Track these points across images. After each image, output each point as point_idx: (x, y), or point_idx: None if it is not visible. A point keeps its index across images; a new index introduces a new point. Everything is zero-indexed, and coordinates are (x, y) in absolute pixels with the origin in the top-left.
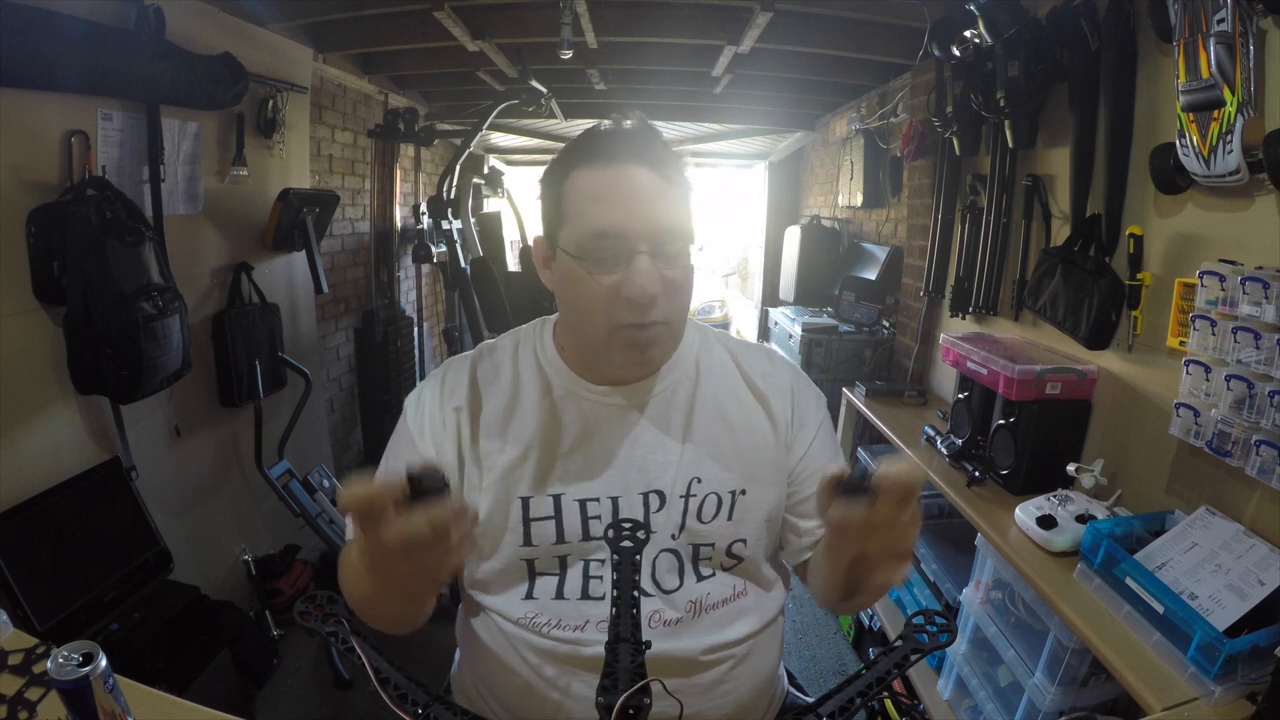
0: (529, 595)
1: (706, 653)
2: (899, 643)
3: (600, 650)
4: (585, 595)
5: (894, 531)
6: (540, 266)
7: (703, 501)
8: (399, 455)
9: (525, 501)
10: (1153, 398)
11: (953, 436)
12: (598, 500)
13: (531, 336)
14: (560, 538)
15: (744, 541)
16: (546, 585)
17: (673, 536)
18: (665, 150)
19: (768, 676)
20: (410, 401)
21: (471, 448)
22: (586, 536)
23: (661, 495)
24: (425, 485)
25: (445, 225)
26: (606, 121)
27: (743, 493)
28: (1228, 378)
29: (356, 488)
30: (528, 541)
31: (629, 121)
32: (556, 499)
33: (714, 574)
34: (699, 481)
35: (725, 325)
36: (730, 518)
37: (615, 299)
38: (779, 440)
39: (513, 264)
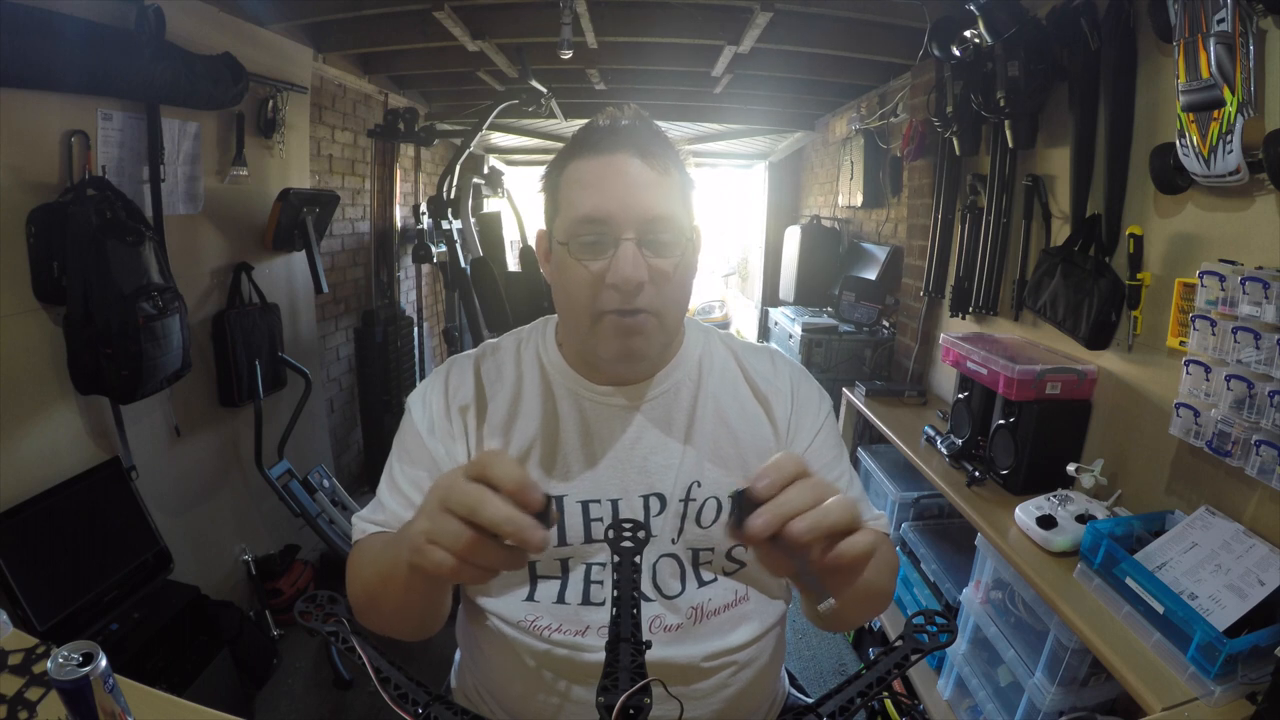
0: (530, 598)
1: (708, 659)
2: (899, 643)
3: (601, 656)
4: (586, 600)
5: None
6: (542, 261)
7: (702, 506)
8: (409, 454)
9: None
10: (1153, 398)
11: (953, 436)
12: (599, 502)
13: (534, 336)
14: (562, 540)
15: (745, 546)
16: (548, 589)
17: (672, 541)
18: (660, 142)
19: (769, 681)
20: (415, 401)
21: (477, 448)
22: (588, 539)
23: (662, 498)
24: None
25: (445, 225)
26: (604, 116)
27: None
28: (1228, 378)
29: (516, 467)
30: None
31: (626, 118)
32: (559, 501)
33: (715, 579)
34: (699, 485)
35: (725, 325)
36: None
37: (600, 285)
38: (780, 443)
39: (513, 264)
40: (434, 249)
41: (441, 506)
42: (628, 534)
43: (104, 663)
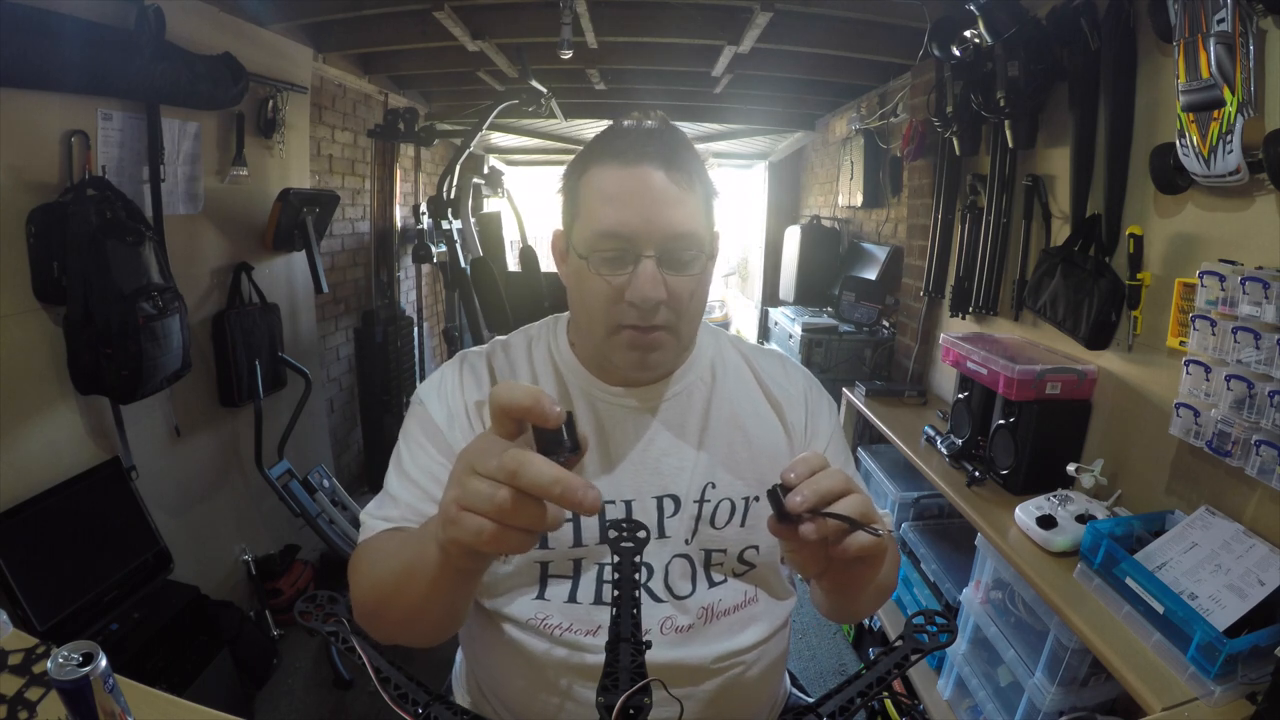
0: (540, 597)
1: (717, 661)
2: (899, 643)
3: None
4: (598, 600)
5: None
6: (558, 261)
7: (716, 507)
8: (424, 445)
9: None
10: (1153, 398)
11: (953, 436)
12: (613, 503)
13: (545, 334)
14: (577, 541)
15: (756, 548)
16: (559, 589)
17: (685, 542)
18: (685, 152)
19: (774, 681)
20: (429, 392)
21: None
22: (603, 540)
23: (676, 500)
24: (567, 435)
25: (445, 225)
26: (630, 119)
27: (756, 499)
28: (1228, 378)
29: (521, 388)
30: (543, 544)
31: (651, 121)
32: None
33: (725, 580)
34: (713, 487)
35: (725, 325)
36: (743, 524)
37: (618, 301)
38: (793, 448)
39: (513, 264)
40: (434, 249)
41: (472, 470)
42: (627, 534)
43: (104, 663)
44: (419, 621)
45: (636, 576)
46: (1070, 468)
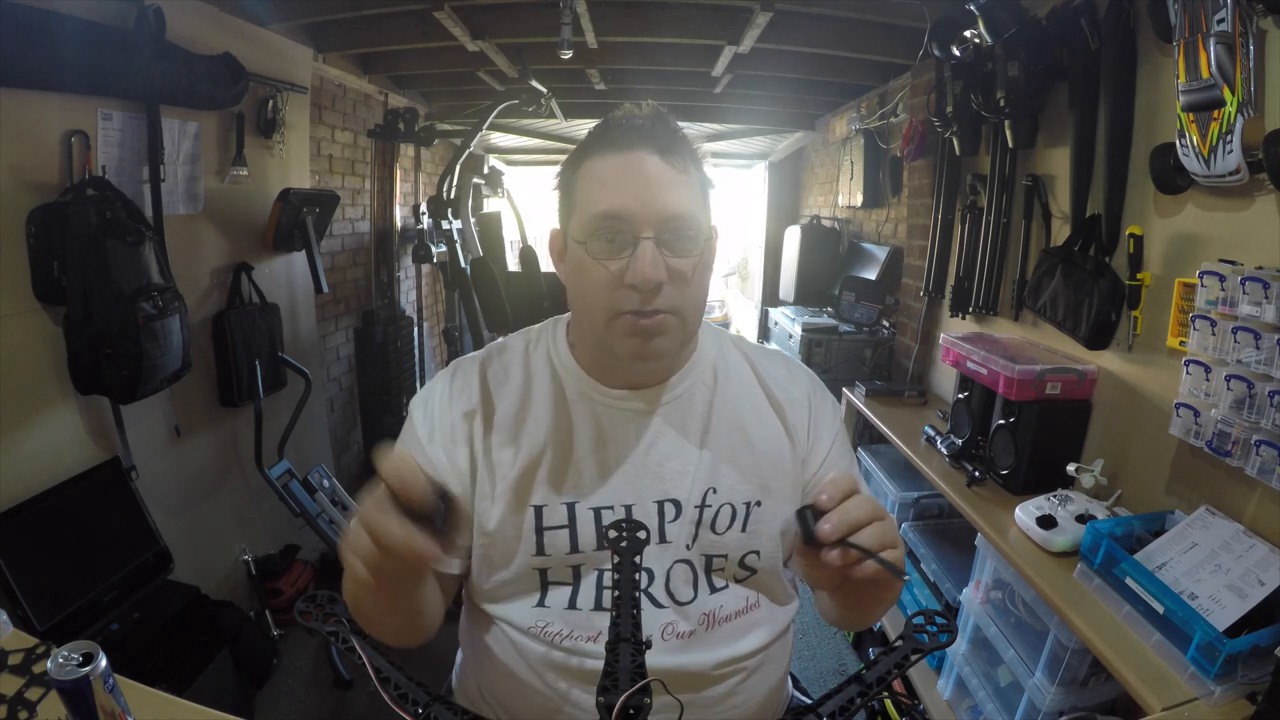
0: (541, 604)
1: (719, 667)
2: (899, 643)
3: None
4: (599, 606)
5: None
6: (556, 260)
7: (717, 512)
8: None
9: (538, 510)
10: (1153, 398)
11: (953, 436)
12: (612, 509)
13: (544, 337)
14: (574, 547)
15: (757, 553)
16: (559, 595)
17: (686, 547)
18: (679, 140)
19: (776, 686)
20: (418, 404)
21: (484, 454)
22: (601, 546)
23: (677, 504)
24: (434, 512)
25: (445, 225)
26: (622, 111)
27: (758, 504)
28: (1228, 378)
29: (402, 464)
30: (540, 551)
31: (643, 110)
32: (570, 507)
33: (727, 585)
34: (714, 492)
35: (725, 325)
36: (745, 529)
37: (618, 285)
38: (795, 452)
39: (513, 264)
40: (434, 249)
41: (358, 521)
42: (626, 534)
43: (104, 663)
44: (385, 629)
45: (636, 577)
46: (1070, 468)
